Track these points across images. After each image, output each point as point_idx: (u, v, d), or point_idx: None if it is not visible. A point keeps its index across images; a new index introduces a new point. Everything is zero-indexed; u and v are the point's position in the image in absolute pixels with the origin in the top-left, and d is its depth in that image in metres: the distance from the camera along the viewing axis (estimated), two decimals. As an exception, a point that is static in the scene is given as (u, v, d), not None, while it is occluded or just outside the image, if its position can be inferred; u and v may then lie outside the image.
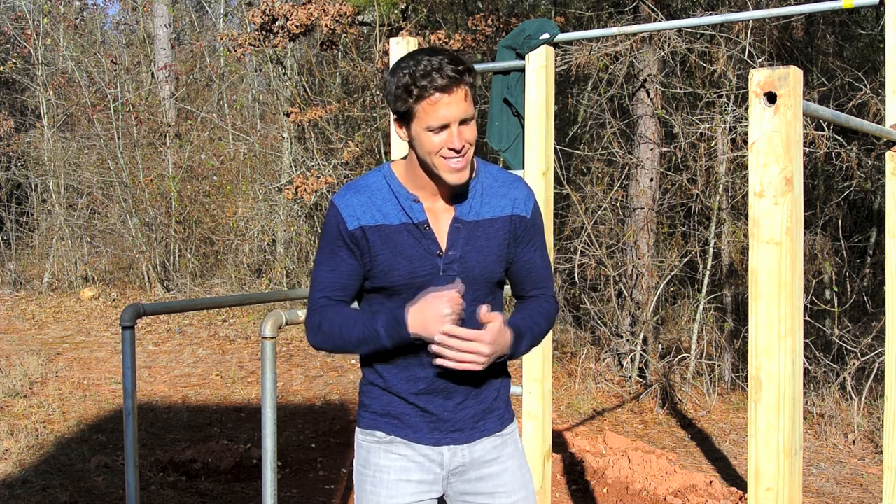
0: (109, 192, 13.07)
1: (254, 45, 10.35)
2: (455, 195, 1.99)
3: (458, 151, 1.87)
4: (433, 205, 1.98)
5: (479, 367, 1.87)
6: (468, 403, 2.02)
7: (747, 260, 5.31)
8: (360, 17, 9.97)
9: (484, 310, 1.87)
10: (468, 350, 1.85)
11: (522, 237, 2.04)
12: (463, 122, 1.87)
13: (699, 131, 7.35)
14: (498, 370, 2.08)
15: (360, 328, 1.92)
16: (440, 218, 1.98)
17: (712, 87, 7.54)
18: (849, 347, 6.67)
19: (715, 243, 7.35)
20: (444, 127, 1.86)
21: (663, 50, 7.52)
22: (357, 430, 2.10)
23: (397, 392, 2.01)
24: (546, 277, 2.11)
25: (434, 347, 1.86)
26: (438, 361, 1.88)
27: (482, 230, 1.99)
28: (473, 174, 2.02)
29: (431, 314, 1.84)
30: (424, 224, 1.96)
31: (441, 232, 1.97)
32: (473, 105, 1.91)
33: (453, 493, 2.07)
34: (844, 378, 6.53)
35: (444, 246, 1.97)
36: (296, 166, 11.29)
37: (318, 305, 2.01)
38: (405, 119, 1.90)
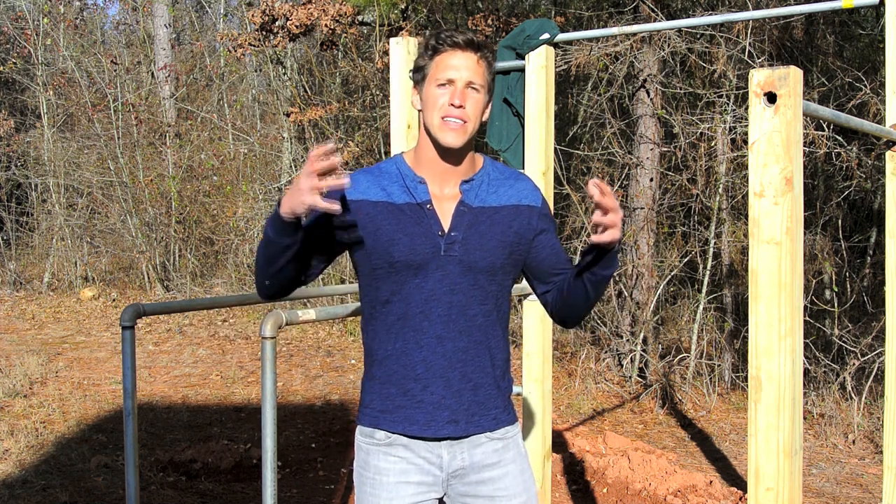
0: (109, 192, 13.08)
1: (254, 45, 10.35)
2: (462, 182, 2.03)
3: (456, 108, 1.93)
4: (440, 190, 2.02)
5: (617, 233, 1.85)
6: (465, 394, 2.01)
7: (747, 260, 5.31)
8: (360, 17, 9.97)
9: (593, 181, 1.82)
10: (615, 235, 1.83)
11: (539, 227, 2.07)
12: (470, 85, 1.95)
13: (699, 131, 7.35)
14: (498, 366, 2.08)
15: (261, 240, 1.95)
16: (445, 202, 2.01)
17: (712, 87, 7.54)
18: (849, 347, 6.67)
19: (715, 243, 7.35)
20: (451, 83, 1.94)
21: (663, 50, 7.52)
22: (357, 430, 2.10)
23: (396, 381, 2.01)
24: (568, 260, 2.15)
25: (593, 238, 1.84)
26: (598, 226, 1.85)
27: (487, 216, 2.02)
28: (480, 166, 2.07)
29: (294, 189, 1.81)
30: (427, 203, 1.99)
31: (445, 214, 2.00)
32: (488, 88, 1.99)
33: (453, 495, 2.08)
34: (844, 378, 6.53)
35: (446, 227, 1.99)
36: (296, 166, 11.29)
37: None
38: (421, 80, 2.00)
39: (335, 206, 1.78)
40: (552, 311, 2.13)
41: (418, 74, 2.00)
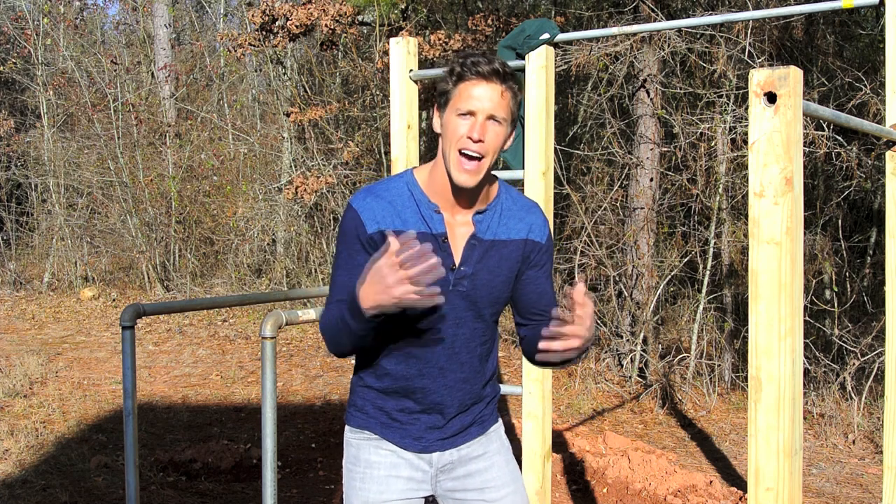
0: (109, 192, 13.08)
1: (254, 45, 10.35)
2: (476, 213, 1.98)
3: (474, 142, 1.86)
4: (452, 217, 1.97)
5: (577, 352, 1.82)
6: (458, 418, 2.06)
7: (747, 260, 5.31)
8: (360, 17, 9.96)
9: (580, 288, 1.78)
10: (568, 346, 1.80)
11: (535, 262, 2.05)
12: (492, 118, 1.88)
13: (699, 131, 7.35)
14: (489, 384, 2.11)
15: (337, 317, 1.87)
16: (457, 232, 1.97)
17: (712, 87, 7.53)
18: (849, 347, 6.67)
19: (715, 243, 7.35)
20: (472, 114, 1.88)
21: (663, 50, 7.52)
22: (347, 427, 2.11)
23: (394, 398, 2.03)
24: (554, 305, 2.10)
25: (541, 344, 1.81)
26: (540, 358, 1.84)
27: (496, 250, 1.99)
28: (495, 195, 2.02)
29: (378, 287, 1.72)
30: (443, 236, 1.95)
31: (457, 246, 1.97)
32: (511, 119, 1.92)
33: (443, 491, 2.09)
34: (844, 378, 6.53)
35: (457, 260, 1.96)
36: (296, 166, 11.29)
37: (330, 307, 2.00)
38: (443, 104, 1.93)
39: (440, 298, 1.73)
40: (522, 347, 2.12)
41: (441, 98, 1.93)
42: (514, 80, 1.91)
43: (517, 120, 1.96)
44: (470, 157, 1.88)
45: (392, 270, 1.68)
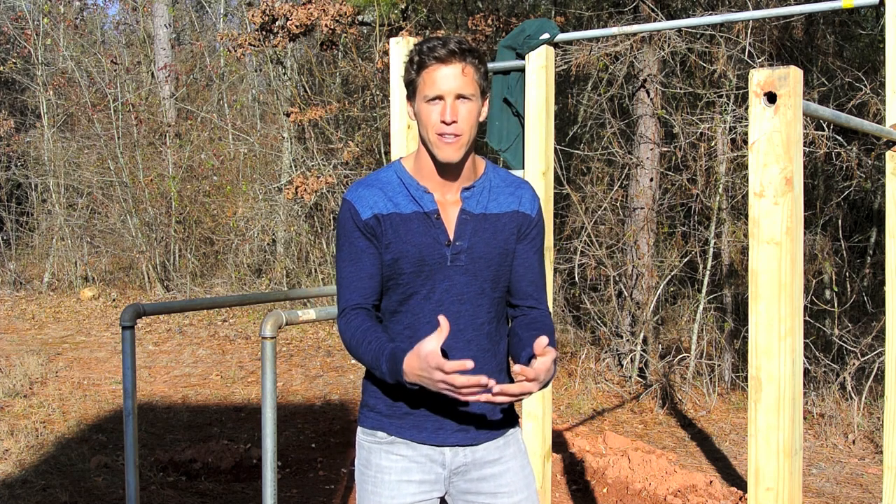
0: (109, 192, 13.08)
1: (254, 45, 10.35)
2: (463, 189, 2.02)
3: (448, 124, 1.91)
4: (442, 197, 2.02)
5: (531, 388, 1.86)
6: (474, 403, 2.01)
7: (747, 260, 5.31)
8: (360, 17, 9.97)
9: (542, 343, 1.82)
10: (521, 397, 1.84)
11: (525, 235, 2.06)
12: (460, 97, 1.92)
13: (699, 131, 7.35)
14: (503, 370, 2.09)
15: (370, 354, 1.91)
16: (448, 210, 2.01)
17: (712, 87, 7.54)
18: (849, 347, 6.67)
19: (715, 243, 7.35)
20: (440, 98, 1.92)
21: (663, 50, 7.52)
22: (359, 429, 2.10)
23: (404, 388, 2.00)
24: (542, 287, 2.11)
25: (483, 398, 1.83)
26: (497, 394, 1.84)
27: (489, 223, 2.02)
28: (482, 172, 2.06)
29: (424, 376, 1.78)
30: (435, 213, 1.99)
31: (449, 223, 2.00)
32: (480, 92, 1.96)
33: (455, 493, 2.08)
34: (844, 378, 6.53)
35: (451, 235, 1.99)
36: (296, 166, 11.29)
37: (346, 307, 2.01)
38: (412, 94, 1.99)
39: (484, 397, 1.78)
40: (508, 337, 2.11)
41: (409, 89, 1.99)
42: (473, 54, 1.94)
43: (487, 90, 2.00)
44: (449, 138, 1.93)
45: (440, 374, 1.74)
